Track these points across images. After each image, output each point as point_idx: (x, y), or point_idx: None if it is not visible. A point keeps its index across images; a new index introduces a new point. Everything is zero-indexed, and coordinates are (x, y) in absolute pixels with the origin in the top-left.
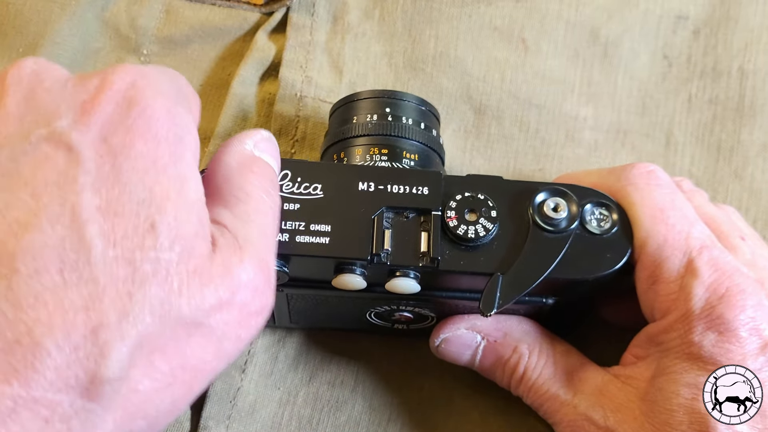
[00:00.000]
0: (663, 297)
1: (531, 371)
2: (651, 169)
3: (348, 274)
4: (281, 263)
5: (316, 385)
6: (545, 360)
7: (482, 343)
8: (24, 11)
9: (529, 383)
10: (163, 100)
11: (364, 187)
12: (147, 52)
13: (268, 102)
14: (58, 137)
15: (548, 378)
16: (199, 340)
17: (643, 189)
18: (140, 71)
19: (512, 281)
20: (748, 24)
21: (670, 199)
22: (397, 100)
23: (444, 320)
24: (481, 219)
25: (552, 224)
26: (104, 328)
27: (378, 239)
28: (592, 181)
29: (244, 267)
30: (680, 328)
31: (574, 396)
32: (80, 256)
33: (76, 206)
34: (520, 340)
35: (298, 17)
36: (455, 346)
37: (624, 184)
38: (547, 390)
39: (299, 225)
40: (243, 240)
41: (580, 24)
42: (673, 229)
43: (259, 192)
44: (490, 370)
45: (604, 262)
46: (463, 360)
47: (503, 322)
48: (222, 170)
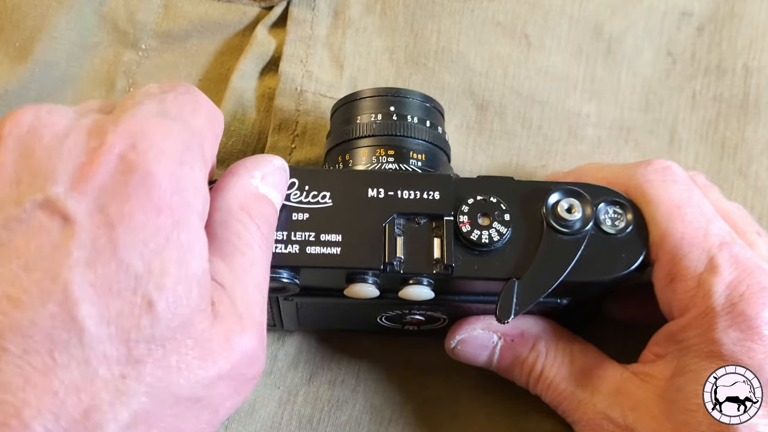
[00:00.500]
0: (682, 294)
1: (549, 369)
2: (667, 165)
3: (360, 284)
4: (292, 275)
5: (317, 385)
6: (562, 358)
7: (499, 342)
8: (21, 5)
9: (546, 381)
10: (166, 163)
11: (373, 194)
12: (145, 47)
13: (268, 97)
14: (54, 205)
15: (566, 376)
16: (196, 413)
17: (660, 186)
18: (143, 129)
19: (528, 286)
20: (752, 21)
21: (687, 195)
22: (401, 98)
23: (459, 321)
24: (495, 223)
25: (566, 226)
26: (96, 410)
27: (390, 247)
28: (605, 176)
29: (244, 336)
30: (700, 326)
31: (593, 394)
32: (71, 336)
33: (69, 283)
34: (537, 338)
35: (299, 11)
36: (472, 347)
37: (640, 181)
38: (565, 388)
39: (309, 236)
40: (242, 305)
41: (584, 20)
42: (691, 226)
43: (257, 240)
44: (509, 369)
45: (620, 262)
46: (480, 360)
47: (519, 321)
48: (221, 213)
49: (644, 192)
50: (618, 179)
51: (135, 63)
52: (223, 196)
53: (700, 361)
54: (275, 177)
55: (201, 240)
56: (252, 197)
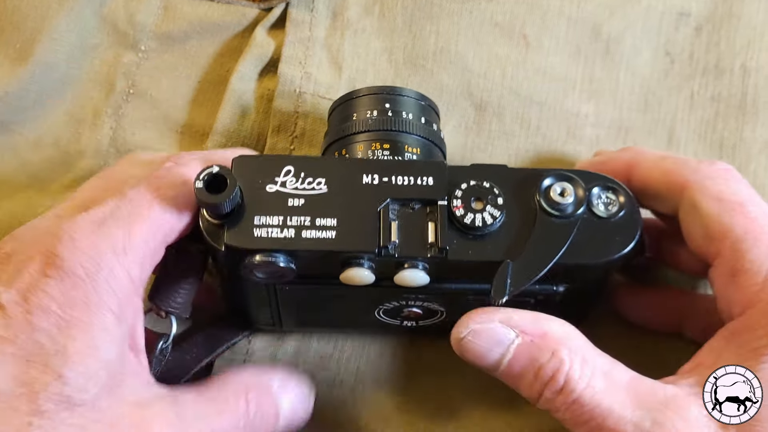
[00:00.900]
0: (746, 289)
1: (575, 382)
2: (729, 168)
3: (356, 268)
4: (288, 259)
5: (315, 385)
6: (592, 370)
7: (516, 340)
8: (21, 7)
9: (572, 396)
10: (86, 265)
11: (368, 180)
12: (145, 48)
13: (267, 98)
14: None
15: (601, 390)
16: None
17: (722, 183)
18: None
19: (522, 267)
20: (750, 21)
21: (749, 193)
22: (397, 96)
23: (474, 310)
24: (488, 207)
25: (559, 209)
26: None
27: (385, 231)
28: (665, 165)
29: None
30: (767, 324)
31: (633, 411)
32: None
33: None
34: (560, 343)
35: (298, 13)
36: (484, 340)
37: (700, 177)
38: (598, 405)
39: (305, 220)
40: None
41: (582, 20)
42: (756, 222)
43: (238, 413)
44: (518, 375)
45: (613, 245)
46: (488, 359)
47: (543, 320)
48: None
49: (707, 187)
50: (678, 171)
51: (135, 64)
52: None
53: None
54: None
55: (113, 332)
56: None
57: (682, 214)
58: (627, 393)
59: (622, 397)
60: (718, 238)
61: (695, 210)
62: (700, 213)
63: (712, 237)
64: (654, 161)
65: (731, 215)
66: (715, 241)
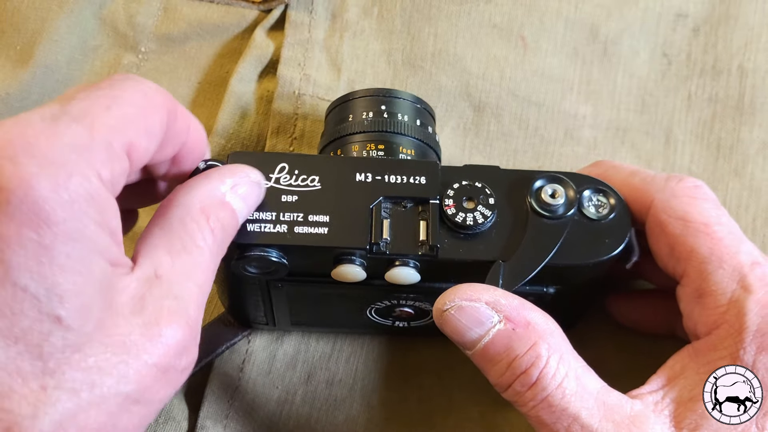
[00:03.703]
0: (710, 311)
1: (549, 380)
2: (698, 184)
3: (347, 265)
4: (280, 255)
5: (315, 384)
6: (567, 371)
7: (498, 325)
8: (22, 9)
9: (542, 393)
10: (49, 175)
11: (361, 178)
12: (145, 50)
13: (267, 99)
14: None
15: (571, 394)
16: (127, 407)
17: (689, 202)
18: (22, 140)
19: (514, 268)
20: (747, 22)
21: (716, 214)
22: (393, 98)
23: (461, 285)
24: (479, 206)
25: (550, 210)
26: (17, 426)
27: (376, 229)
28: (633, 183)
29: (170, 327)
30: (730, 345)
31: (600, 422)
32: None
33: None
34: (541, 338)
35: (297, 14)
36: (466, 318)
37: (668, 196)
38: (566, 408)
39: (297, 216)
40: (175, 299)
41: (580, 22)
42: (721, 243)
43: (208, 243)
44: (491, 359)
45: (603, 247)
46: (466, 337)
47: (530, 311)
48: (181, 209)
49: (672, 207)
50: (647, 188)
51: (135, 66)
52: (188, 194)
53: None
54: (247, 190)
55: (100, 246)
56: (216, 202)
57: (649, 233)
58: (596, 402)
59: (591, 404)
60: (683, 258)
61: (660, 230)
62: (665, 233)
63: (678, 258)
64: (623, 178)
65: (696, 236)
66: (681, 262)
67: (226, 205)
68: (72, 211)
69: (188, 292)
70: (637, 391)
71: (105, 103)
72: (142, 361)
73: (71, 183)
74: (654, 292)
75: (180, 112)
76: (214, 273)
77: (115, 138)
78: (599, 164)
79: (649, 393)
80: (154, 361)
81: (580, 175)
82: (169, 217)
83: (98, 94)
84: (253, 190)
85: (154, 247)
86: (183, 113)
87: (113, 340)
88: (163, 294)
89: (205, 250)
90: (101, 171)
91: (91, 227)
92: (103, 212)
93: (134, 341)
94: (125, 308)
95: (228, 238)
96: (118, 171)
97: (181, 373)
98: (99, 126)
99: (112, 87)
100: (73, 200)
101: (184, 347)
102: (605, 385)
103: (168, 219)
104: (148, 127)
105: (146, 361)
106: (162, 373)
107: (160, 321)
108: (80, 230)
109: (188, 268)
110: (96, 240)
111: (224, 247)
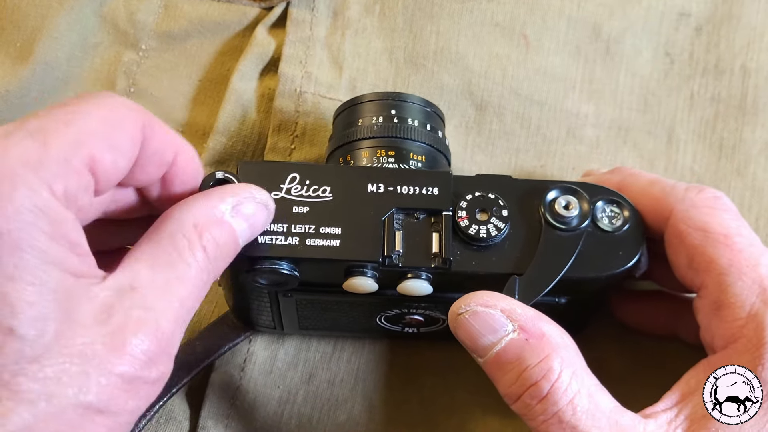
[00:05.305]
0: (729, 324)
1: (560, 394)
2: (718, 195)
3: (359, 277)
4: (291, 267)
5: (316, 384)
6: (579, 387)
7: (511, 334)
8: (22, 6)
9: (553, 408)
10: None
11: (373, 189)
12: (145, 47)
13: (268, 97)
14: None
15: (583, 411)
16: (90, 418)
17: (708, 213)
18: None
19: (530, 282)
20: (750, 22)
21: (736, 225)
22: (402, 102)
23: (480, 291)
24: (493, 218)
25: (564, 222)
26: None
27: (389, 241)
28: (652, 192)
29: (137, 338)
30: (748, 362)
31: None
32: None
33: None
34: (555, 351)
35: (298, 12)
36: (480, 324)
37: (687, 206)
38: (576, 425)
39: (309, 228)
40: (145, 308)
41: (582, 20)
42: (741, 255)
43: (198, 261)
44: (502, 369)
45: (617, 259)
46: (478, 343)
47: (545, 323)
48: (173, 224)
49: (691, 217)
50: (665, 198)
51: (135, 63)
52: (183, 210)
53: None
54: (251, 210)
55: (54, 257)
56: (212, 220)
57: (667, 243)
58: (608, 421)
59: (603, 424)
60: (702, 269)
61: (680, 240)
62: (684, 244)
63: (697, 269)
64: (643, 187)
65: (715, 247)
66: (700, 273)
67: (223, 223)
68: (17, 222)
69: (164, 305)
70: (651, 410)
71: (65, 118)
72: (104, 370)
73: (16, 195)
74: (658, 293)
75: (159, 129)
76: (202, 290)
77: (72, 153)
78: (618, 171)
79: (663, 411)
80: (118, 371)
81: (593, 185)
82: (160, 231)
83: (61, 111)
84: (258, 211)
85: (136, 260)
86: (164, 131)
87: (73, 350)
88: (133, 304)
89: (192, 267)
90: (53, 185)
91: (41, 238)
92: (55, 224)
93: (96, 351)
94: (88, 318)
95: (224, 257)
96: (76, 185)
97: (152, 384)
98: (53, 141)
99: (79, 103)
100: (18, 212)
101: (150, 358)
102: (618, 404)
103: (159, 233)
104: (114, 142)
105: (109, 370)
106: (127, 383)
107: (126, 330)
108: (27, 241)
109: (169, 282)
110: (47, 251)
111: (219, 266)
